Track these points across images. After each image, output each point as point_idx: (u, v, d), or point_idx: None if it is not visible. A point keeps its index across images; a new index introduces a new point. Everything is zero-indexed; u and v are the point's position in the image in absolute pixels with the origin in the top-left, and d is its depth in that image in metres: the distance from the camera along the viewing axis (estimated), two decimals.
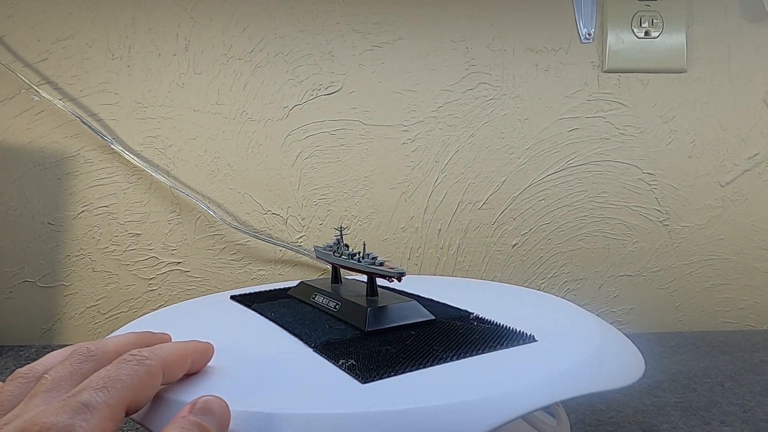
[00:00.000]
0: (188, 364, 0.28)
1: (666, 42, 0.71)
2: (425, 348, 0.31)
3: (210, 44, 0.70)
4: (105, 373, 0.23)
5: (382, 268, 0.36)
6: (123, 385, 0.22)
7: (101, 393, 0.22)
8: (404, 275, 0.35)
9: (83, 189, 0.70)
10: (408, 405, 0.25)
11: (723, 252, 0.74)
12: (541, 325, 0.36)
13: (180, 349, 0.27)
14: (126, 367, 0.23)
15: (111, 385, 0.22)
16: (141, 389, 0.23)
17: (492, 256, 0.73)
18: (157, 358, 0.25)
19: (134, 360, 0.24)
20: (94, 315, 0.71)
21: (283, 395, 0.26)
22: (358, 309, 0.37)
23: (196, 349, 0.29)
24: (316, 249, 0.47)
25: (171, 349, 0.27)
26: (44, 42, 0.69)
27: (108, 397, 0.22)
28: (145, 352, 0.25)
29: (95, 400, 0.21)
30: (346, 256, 0.41)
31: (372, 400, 0.25)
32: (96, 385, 0.22)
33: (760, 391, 0.50)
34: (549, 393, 0.27)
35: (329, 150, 0.71)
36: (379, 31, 0.71)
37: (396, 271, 0.35)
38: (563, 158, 0.73)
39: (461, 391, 0.26)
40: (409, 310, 0.36)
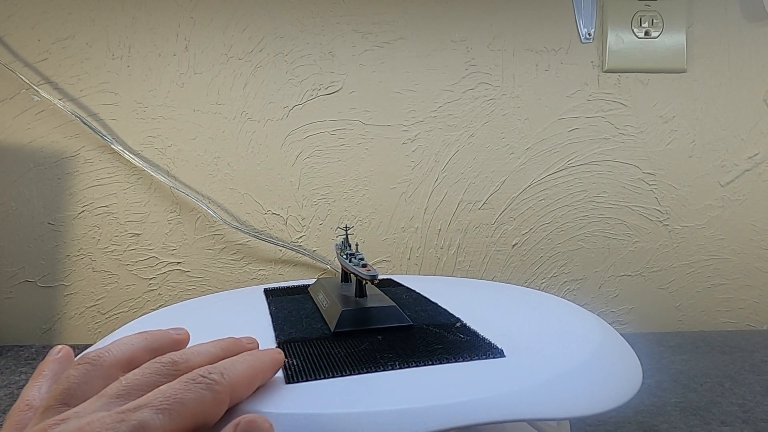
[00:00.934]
0: (257, 385, 0.26)
1: (666, 42, 0.71)
2: (378, 354, 0.31)
3: (210, 44, 0.70)
4: (171, 392, 0.22)
5: (358, 268, 0.36)
6: (186, 411, 0.21)
7: (161, 416, 0.20)
8: (376, 278, 0.34)
9: (83, 189, 0.70)
10: (302, 410, 0.25)
11: (723, 252, 0.74)
12: (526, 333, 0.35)
13: (251, 369, 0.26)
14: (194, 390, 0.22)
15: (174, 408, 0.21)
16: (204, 416, 0.22)
17: (492, 256, 0.73)
18: (227, 384, 0.23)
19: (204, 383, 0.22)
20: (94, 315, 0.71)
21: None
22: (336, 310, 0.37)
23: (266, 364, 0.27)
24: (336, 246, 0.47)
25: (242, 371, 0.25)
26: (44, 42, 0.69)
27: (167, 422, 0.20)
28: (216, 375, 0.23)
29: (154, 423, 0.20)
30: (345, 255, 0.41)
31: (280, 401, 0.25)
32: (159, 405, 0.21)
33: (760, 391, 0.50)
34: (468, 414, 0.25)
35: (329, 150, 0.71)
36: (379, 31, 0.71)
37: (369, 273, 0.35)
38: (563, 158, 0.73)
39: (369, 400, 0.25)
40: (385, 314, 0.36)
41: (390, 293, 0.45)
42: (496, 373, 0.28)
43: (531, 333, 0.35)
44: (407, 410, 0.25)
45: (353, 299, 0.38)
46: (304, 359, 0.31)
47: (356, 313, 0.36)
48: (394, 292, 0.46)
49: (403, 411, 0.25)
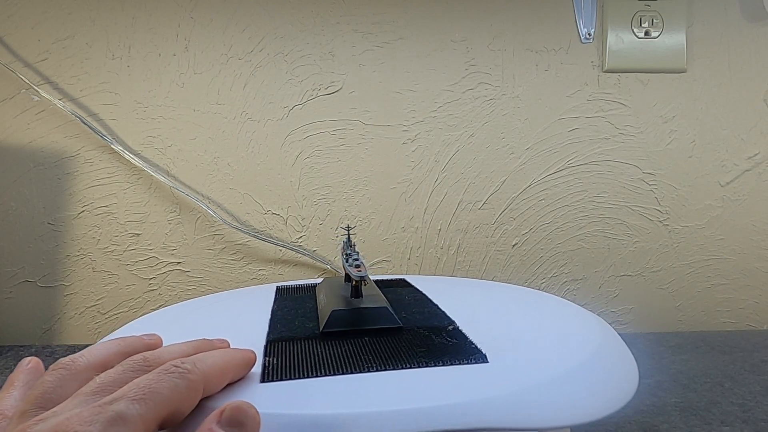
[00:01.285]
0: (230, 377, 0.27)
1: (666, 42, 0.71)
2: (359, 355, 0.31)
3: (210, 44, 0.70)
4: (145, 382, 0.22)
5: (351, 269, 0.36)
6: (161, 399, 0.22)
7: (137, 405, 0.21)
8: (364, 278, 0.35)
9: (83, 189, 0.70)
10: (271, 409, 0.25)
11: (723, 252, 0.74)
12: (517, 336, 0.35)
13: (223, 362, 0.26)
14: (167, 379, 0.22)
15: (149, 398, 0.21)
16: (179, 404, 0.22)
17: (492, 256, 0.73)
18: (200, 373, 0.24)
19: (176, 372, 0.23)
20: (94, 315, 0.71)
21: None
22: (328, 310, 0.37)
23: (238, 360, 0.28)
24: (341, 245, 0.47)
25: (214, 362, 0.26)
26: (44, 42, 0.69)
27: (144, 410, 0.21)
28: (188, 364, 0.24)
29: (131, 412, 0.20)
30: (344, 255, 0.42)
31: (250, 399, 0.25)
32: (134, 395, 0.21)
33: (760, 391, 0.50)
34: (431, 420, 0.24)
35: (329, 150, 0.71)
36: (379, 31, 0.71)
37: (358, 274, 0.35)
38: (563, 158, 0.73)
39: (336, 402, 0.25)
40: (375, 315, 0.36)
41: (394, 293, 0.45)
42: (474, 378, 0.28)
43: (526, 337, 0.34)
44: (371, 413, 0.24)
45: (348, 299, 0.38)
46: (285, 358, 0.31)
47: (346, 314, 0.36)
48: (399, 292, 0.46)
49: (367, 414, 0.24)
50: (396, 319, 0.36)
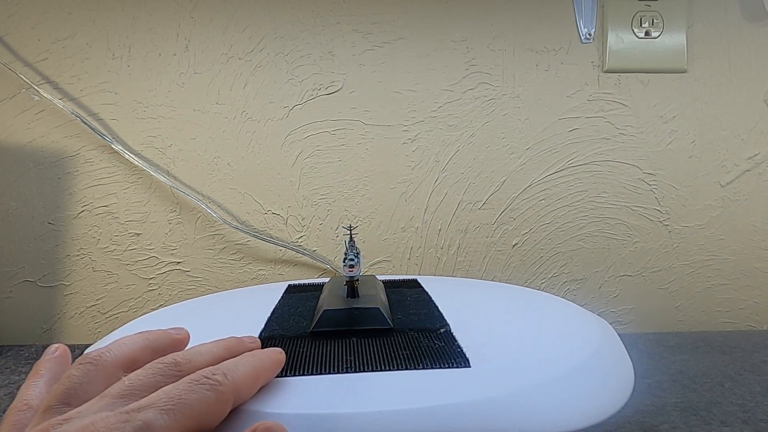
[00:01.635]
0: (260, 384, 0.27)
1: (666, 42, 0.71)
2: (341, 356, 0.31)
3: (210, 44, 0.70)
4: (175, 392, 0.22)
5: (345, 269, 0.37)
6: (190, 412, 0.21)
7: (165, 416, 0.20)
8: (354, 279, 0.35)
9: (83, 189, 0.70)
10: (242, 406, 0.25)
11: (723, 252, 0.74)
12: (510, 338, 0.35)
13: (254, 369, 0.26)
14: (198, 391, 0.22)
15: (177, 409, 0.21)
16: (207, 417, 0.22)
17: (492, 256, 0.73)
18: (230, 385, 0.23)
19: (207, 384, 0.23)
20: (94, 315, 0.71)
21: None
22: (320, 309, 0.37)
23: (268, 365, 0.27)
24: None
25: (245, 372, 0.25)
26: (44, 42, 0.69)
27: (171, 422, 0.20)
28: (219, 376, 0.23)
29: (158, 422, 0.20)
30: (344, 255, 0.42)
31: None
32: (163, 405, 0.21)
33: (760, 391, 0.50)
34: (403, 423, 0.24)
35: (329, 150, 0.71)
36: (379, 31, 0.71)
37: (348, 274, 0.35)
38: (563, 158, 0.73)
39: (300, 402, 0.25)
40: (365, 316, 0.36)
41: (399, 294, 0.45)
42: (452, 383, 0.27)
43: (521, 340, 0.34)
44: (336, 414, 0.24)
45: (344, 299, 0.39)
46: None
47: (337, 314, 0.36)
48: (404, 293, 0.46)
49: (333, 415, 0.24)
50: (387, 321, 0.36)
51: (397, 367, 0.29)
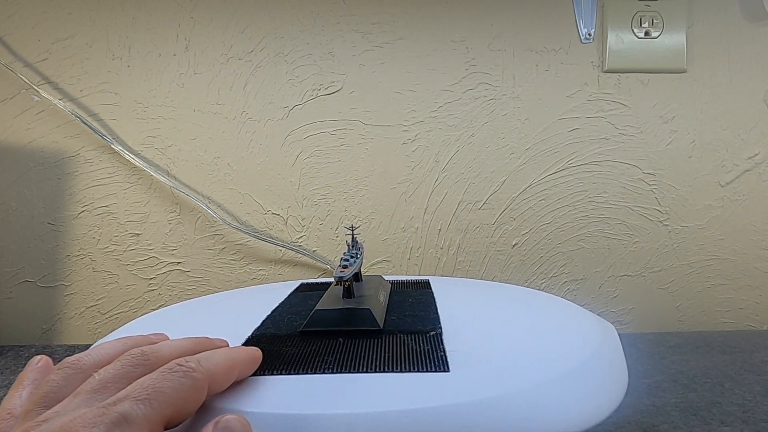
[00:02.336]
0: (235, 375, 0.27)
1: (666, 42, 0.71)
2: (321, 356, 0.31)
3: (210, 44, 0.70)
4: (149, 382, 0.22)
5: (337, 268, 0.37)
6: (166, 399, 0.21)
7: (142, 405, 0.21)
8: (343, 279, 0.35)
9: (83, 189, 0.70)
10: (210, 403, 0.25)
11: (723, 252, 0.74)
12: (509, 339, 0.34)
13: (228, 360, 0.26)
14: (172, 379, 0.22)
15: (153, 397, 0.21)
16: (184, 404, 0.22)
17: (492, 256, 0.73)
18: (204, 372, 0.24)
19: (181, 371, 0.23)
20: (94, 315, 0.71)
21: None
22: (311, 308, 0.37)
23: (243, 358, 0.27)
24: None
25: (219, 361, 0.25)
26: (44, 42, 0.69)
27: (148, 411, 0.21)
28: (193, 363, 0.24)
29: (135, 413, 0.20)
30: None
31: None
32: (138, 395, 0.21)
33: (760, 391, 0.50)
34: (369, 425, 0.24)
35: (329, 150, 0.71)
36: (379, 31, 0.71)
37: (337, 274, 0.35)
38: (563, 158, 0.73)
39: (269, 402, 0.25)
40: (355, 317, 0.36)
41: (402, 295, 0.45)
42: (428, 387, 0.27)
43: (514, 344, 0.33)
44: (301, 416, 0.24)
45: (339, 299, 0.39)
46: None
47: (327, 314, 0.36)
48: (408, 294, 0.46)
49: (298, 416, 0.24)
50: (376, 322, 0.35)
51: (375, 369, 0.29)
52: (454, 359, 0.30)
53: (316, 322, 0.36)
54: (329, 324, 0.36)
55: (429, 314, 0.39)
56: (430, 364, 0.29)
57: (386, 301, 0.42)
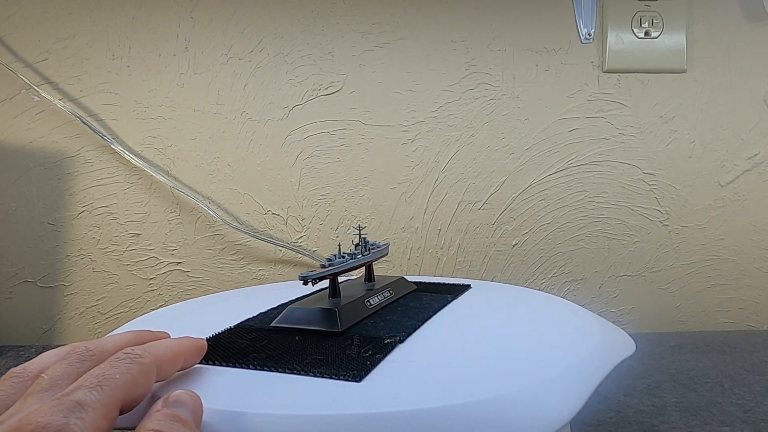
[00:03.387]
0: (181, 362, 0.28)
1: (666, 42, 0.71)
2: (257, 352, 0.32)
3: (210, 44, 0.70)
4: (99, 371, 0.23)
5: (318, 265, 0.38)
6: (117, 384, 0.22)
7: (95, 392, 0.22)
8: (306, 279, 0.35)
9: (83, 189, 0.70)
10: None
11: (723, 252, 0.74)
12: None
13: (173, 347, 0.27)
14: (120, 366, 0.23)
15: (105, 384, 0.22)
16: (135, 387, 0.23)
17: (492, 256, 0.73)
18: (151, 356, 0.25)
19: (128, 358, 0.24)
20: (94, 315, 0.71)
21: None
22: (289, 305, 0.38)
23: (188, 346, 0.29)
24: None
25: (164, 347, 0.27)
26: (44, 42, 0.69)
27: (102, 396, 0.22)
28: (138, 350, 0.25)
29: (89, 398, 0.21)
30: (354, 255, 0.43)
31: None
32: (90, 384, 0.22)
33: (760, 391, 0.50)
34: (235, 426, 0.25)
35: (329, 150, 0.71)
36: (379, 31, 0.71)
37: (300, 275, 0.36)
38: (563, 158, 0.73)
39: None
40: (319, 317, 0.36)
41: (413, 299, 0.44)
42: (327, 394, 0.27)
43: (485, 356, 0.31)
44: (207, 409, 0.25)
45: (321, 298, 0.39)
46: (215, 344, 0.33)
47: (297, 312, 0.37)
48: (418, 298, 0.44)
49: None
50: (336, 324, 0.35)
51: (293, 371, 0.29)
52: (386, 370, 0.29)
53: (285, 318, 0.37)
54: (296, 322, 0.36)
55: (408, 322, 0.37)
56: (345, 373, 0.28)
57: (382, 304, 0.41)
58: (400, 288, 0.46)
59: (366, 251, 0.43)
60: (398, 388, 0.27)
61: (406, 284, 0.47)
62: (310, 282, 0.35)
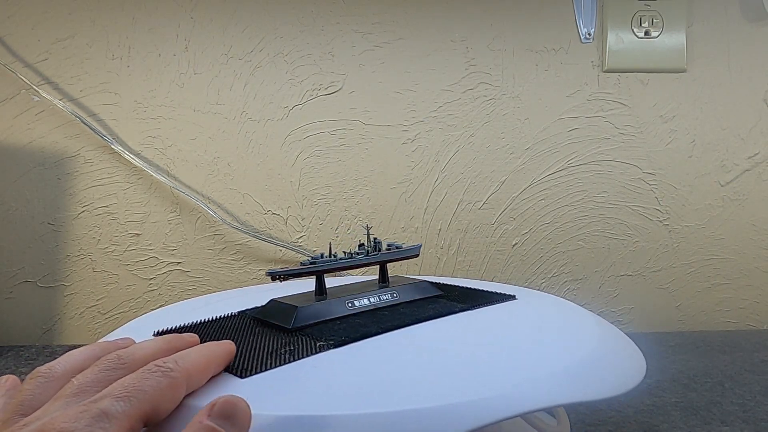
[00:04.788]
0: (213, 371, 0.27)
1: (666, 42, 0.71)
2: (209, 337, 0.35)
3: (210, 44, 0.70)
4: (129, 382, 0.23)
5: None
6: (145, 397, 0.22)
7: (122, 402, 0.21)
8: (271, 275, 0.38)
9: (83, 189, 0.70)
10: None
11: (723, 252, 0.74)
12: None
13: (204, 357, 0.27)
14: (150, 378, 0.23)
15: (133, 395, 0.22)
16: (162, 401, 0.23)
17: (492, 256, 0.73)
18: (181, 370, 0.24)
19: (159, 371, 0.24)
20: (94, 315, 0.71)
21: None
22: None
23: (219, 354, 0.28)
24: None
25: (195, 359, 0.26)
26: (44, 42, 0.69)
27: (128, 408, 0.21)
28: (170, 363, 0.24)
29: (115, 409, 0.21)
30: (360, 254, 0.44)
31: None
32: (118, 394, 0.22)
33: (760, 391, 0.50)
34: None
35: (329, 150, 0.71)
36: (379, 31, 0.71)
37: (267, 271, 0.38)
38: (563, 158, 0.73)
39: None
40: (282, 313, 0.38)
41: (417, 306, 0.42)
42: (214, 388, 0.27)
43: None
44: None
45: (307, 295, 0.41)
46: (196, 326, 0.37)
47: (272, 306, 0.39)
48: (420, 304, 0.42)
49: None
50: (289, 321, 0.36)
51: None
52: (289, 373, 0.29)
53: (262, 311, 0.39)
54: (266, 315, 0.38)
55: (373, 329, 0.36)
56: (242, 370, 0.29)
57: (372, 306, 0.40)
58: (413, 292, 0.43)
59: (374, 252, 0.43)
60: (277, 392, 0.26)
61: (424, 289, 0.44)
62: (279, 278, 0.38)
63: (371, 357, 0.31)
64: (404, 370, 0.29)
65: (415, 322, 0.37)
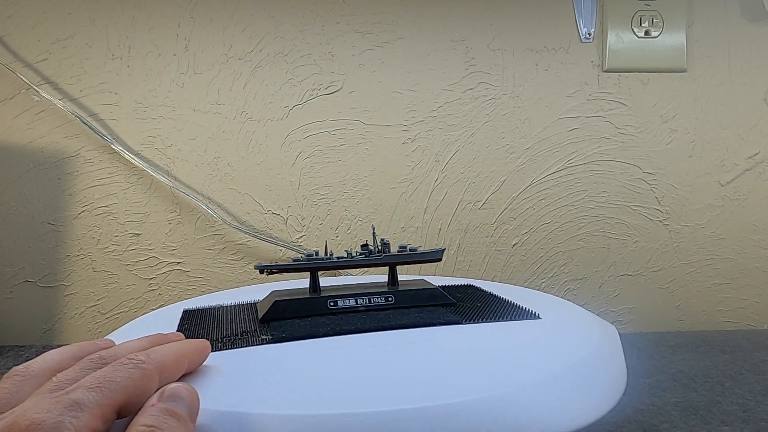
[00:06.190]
0: (185, 366, 0.28)
1: (666, 42, 0.72)
2: (189, 327, 0.38)
3: (210, 44, 0.70)
4: (100, 374, 0.23)
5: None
6: (116, 387, 0.23)
7: (93, 392, 0.22)
8: (258, 268, 0.41)
9: (83, 189, 0.70)
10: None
11: (723, 251, 0.74)
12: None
13: (177, 352, 0.27)
14: (122, 369, 0.24)
15: (104, 386, 0.22)
16: (135, 392, 0.23)
17: (492, 256, 0.73)
18: (154, 362, 0.25)
19: (130, 363, 0.24)
20: (95, 315, 0.71)
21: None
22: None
23: (192, 350, 0.29)
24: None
25: (168, 352, 0.27)
26: (44, 42, 0.69)
27: (100, 397, 0.22)
28: (142, 356, 0.25)
29: (87, 398, 0.21)
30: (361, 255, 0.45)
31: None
32: (89, 385, 0.22)
33: (760, 391, 0.50)
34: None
35: (329, 150, 0.71)
36: (379, 31, 0.71)
37: (255, 265, 0.41)
38: (563, 158, 0.73)
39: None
40: (264, 308, 0.40)
41: (405, 306, 0.42)
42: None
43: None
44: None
45: (306, 292, 0.43)
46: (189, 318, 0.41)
47: (267, 298, 0.42)
48: (414, 307, 0.42)
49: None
50: (263, 313, 0.39)
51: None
52: (221, 361, 0.31)
53: (261, 302, 0.42)
54: (261, 306, 0.41)
55: (324, 330, 0.36)
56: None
57: (358, 307, 0.40)
58: (414, 298, 0.42)
59: (378, 253, 0.44)
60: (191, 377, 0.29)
61: (430, 296, 0.42)
62: (265, 271, 0.40)
63: (303, 357, 0.32)
64: (320, 376, 0.29)
65: (389, 328, 0.36)
